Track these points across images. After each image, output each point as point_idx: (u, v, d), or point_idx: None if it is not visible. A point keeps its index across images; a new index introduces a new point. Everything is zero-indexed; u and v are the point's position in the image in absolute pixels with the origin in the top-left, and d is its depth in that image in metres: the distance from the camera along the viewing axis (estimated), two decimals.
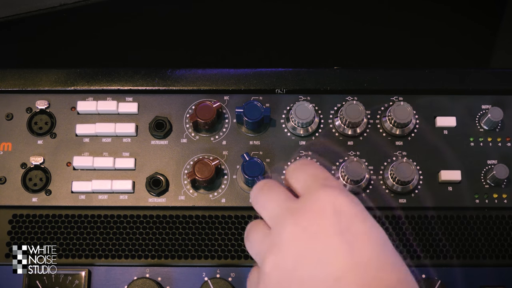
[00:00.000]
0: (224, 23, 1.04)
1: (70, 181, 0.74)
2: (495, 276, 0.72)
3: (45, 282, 0.71)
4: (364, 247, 0.47)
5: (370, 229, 0.49)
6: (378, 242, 0.49)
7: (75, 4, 0.89)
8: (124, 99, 0.76)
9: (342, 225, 0.48)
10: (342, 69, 0.77)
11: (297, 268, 0.48)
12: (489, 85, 0.76)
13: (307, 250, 0.48)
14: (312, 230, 0.48)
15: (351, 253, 0.47)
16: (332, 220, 0.48)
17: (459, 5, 1.05)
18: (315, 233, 0.48)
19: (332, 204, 0.49)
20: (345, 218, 0.49)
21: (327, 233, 0.48)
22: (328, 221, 0.48)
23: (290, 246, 0.49)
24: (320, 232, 0.48)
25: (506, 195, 0.73)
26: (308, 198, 0.51)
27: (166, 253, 0.72)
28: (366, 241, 0.48)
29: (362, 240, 0.48)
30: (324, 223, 0.48)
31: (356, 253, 0.47)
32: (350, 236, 0.48)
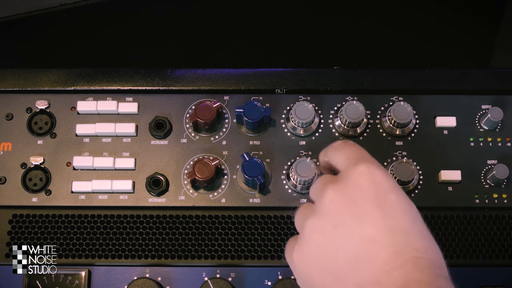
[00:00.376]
0: (224, 23, 1.04)
1: (70, 181, 0.74)
2: (495, 276, 0.72)
3: (45, 282, 0.71)
4: (397, 215, 0.52)
5: (403, 200, 0.53)
6: (410, 212, 0.53)
7: (75, 4, 0.90)
8: (124, 99, 0.76)
9: (378, 194, 0.53)
10: (342, 69, 0.77)
11: (335, 229, 0.53)
12: (489, 85, 0.76)
13: (345, 213, 0.53)
14: (351, 196, 0.53)
15: (385, 218, 0.52)
16: (369, 189, 0.53)
17: (459, 5, 1.05)
18: (353, 199, 0.53)
19: (369, 175, 0.54)
20: (381, 188, 0.53)
21: (364, 199, 0.53)
22: (366, 189, 0.53)
23: (330, 210, 0.54)
24: (358, 198, 0.53)
25: (506, 195, 0.73)
26: (348, 170, 0.56)
27: (166, 253, 0.72)
28: (399, 209, 0.52)
29: (395, 208, 0.52)
30: (362, 191, 0.53)
31: (390, 219, 0.52)
32: (385, 204, 0.52)
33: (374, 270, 0.50)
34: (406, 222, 0.52)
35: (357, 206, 0.53)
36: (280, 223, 0.72)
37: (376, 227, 0.51)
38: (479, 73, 0.77)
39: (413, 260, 0.50)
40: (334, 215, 0.53)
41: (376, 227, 0.51)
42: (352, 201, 0.53)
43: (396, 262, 0.49)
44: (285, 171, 0.73)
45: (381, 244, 0.50)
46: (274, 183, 0.73)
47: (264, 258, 0.72)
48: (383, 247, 0.50)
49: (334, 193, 0.54)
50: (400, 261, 0.50)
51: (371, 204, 0.52)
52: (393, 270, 0.49)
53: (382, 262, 0.50)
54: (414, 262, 0.50)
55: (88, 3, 0.90)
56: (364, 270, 0.50)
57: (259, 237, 0.72)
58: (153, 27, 1.02)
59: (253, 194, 0.73)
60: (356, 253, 0.51)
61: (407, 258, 0.50)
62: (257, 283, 0.72)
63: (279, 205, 0.73)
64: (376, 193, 0.53)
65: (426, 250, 0.51)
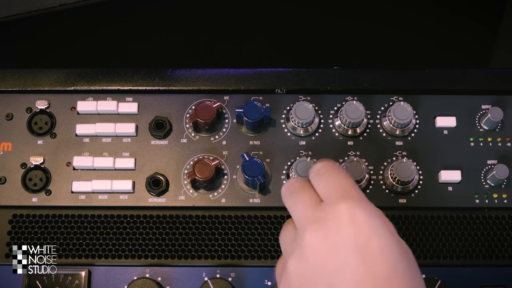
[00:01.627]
0: (224, 23, 1.04)
1: (70, 181, 0.74)
2: (495, 276, 0.72)
3: (45, 282, 0.71)
4: (379, 264, 0.49)
5: (385, 245, 0.51)
6: (394, 258, 0.50)
7: (75, 4, 0.89)
8: (124, 99, 0.76)
9: (358, 240, 0.50)
10: (342, 69, 0.76)
11: (315, 276, 0.51)
12: (489, 85, 0.76)
13: (325, 261, 0.51)
14: (330, 242, 0.51)
15: (366, 274, 0.49)
16: (349, 234, 0.50)
17: (459, 5, 1.05)
18: (333, 245, 0.51)
19: (349, 217, 0.51)
20: (361, 233, 0.51)
21: (344, 246, 0.50)
22: (345, 234, 0.51)
23: (309, 255, 0.52)
24: (338, 245, 0.50)
25: (506, 195, 0.73)
26: (328, 208, 0.53)
27: (166, 253, 0.72)
28: (381, 258, 0.50)
29: (377, 256, 0.50)
30: (342, 236, 0.51)
31: (371, 269, 0.49)
32: (366, 251, 0.50)
33: None
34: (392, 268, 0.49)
35: (337, 254, 0.50)
36: (280, 223, 0.72)
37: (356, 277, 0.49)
38: (479, 73, 0.77)
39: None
40: (315, 261, 0.51)
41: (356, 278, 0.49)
42: (332, 248, 0.51)
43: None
44: (285, 171, 0.74)
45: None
46: (274, 183, 0.73)
47: (264, 258, 0.72)
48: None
49: (314, 237, 0.52)
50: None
51: (351, 252, 0.50)
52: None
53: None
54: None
55: (88, 3, 0.90)
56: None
57: (259, 237, 0.72)
58: (153, 27, 1.02)
59: (253, 194, 0.73)
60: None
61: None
62: (257, 283, 0.72)
63: (279, 205, 0.72)
64: (355, 239, 0.50)
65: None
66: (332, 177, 0.56)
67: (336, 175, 0.56)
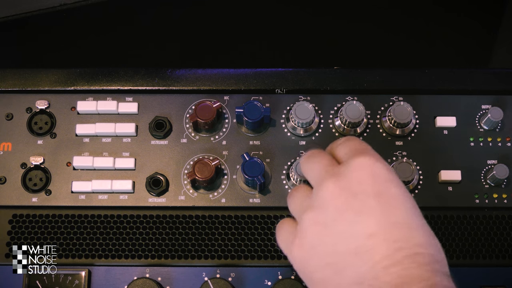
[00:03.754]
0: (224, 23, 1.04)
1: (70, 181, 0.74)
2: (495, 276, 0.72)
3: (45, 282, 0.71)
4: (398, 209, 0.52)
5: (403, 193, 0.54)
6: (410, 206, 0.53)
7: (75, 4, 0.89)
8: (124, 99, 0.76)
9: (378, 188, 0.53)
10: (342, 69, 0.76)
11: (334, 223, 0.53)
12: (489, 85, 0.76)
13: (345, 207, 0.53)
14: (351, 190, 0.53)
15: (385, 213, 0.52)
16: (370, 183, 0.53)
17: (459, 5, 1.05)
18: (354, 193, 0.53)
19: (370, 168, 0.54)
20: (381, 182, 0.53)
21: (365, 193, 0.53)
22: (366, 183, 0.53)
23: (330, 204, 0.54)
24: (359, 193, 0.53)
25: (506, 195, 0.73)
26: (349, 163, 0.55)
27: (166, 253, 0.72)
28: (400, 204, 0.53)
29: (396, 202, 0.53)
30: (362, 185, 0.53)
31: (389, 214, 0.52)
32: (386, 198, 0.52)
33: (373, 265, 0.50)
34: (407, 217, 0.52)
35: (358, 200, 0.52)
36: None
37: (376, 222, 0.51)
38: (479, 73, 0.77)
39: (412, 256, 0.50)
40: (334, 209, 0.53)
41: (376, 223, 0.51)
42: (352, 195, 0.53)
43: (394, 258, 0.50)
44: (285, 171, 0.74)
45: (381, 240, 0.50)
46: (274, 183, 0.73)
47: (264, 258, 0.72)
48: (383, 243, 0.50)
49: (334, 186, 0.54)
50: (399, 257, 0.50)
51: (372, 198, 0.52)
52: (391, 266, 0.49)
53: (381, 257, 0.50)
54: (413, 258, 0.50)
55: (88, 3, 0.90)
56: (363, 265, 0.50)
57: (259, 237, 0.72)
58: (153, 27, 1.02)
59: (253, 194, 0.73)
60: (356, 248, 0.51)
61: (407, 253, 0.50)
62: (257, 283, 0.72)
63: (279, 205, 0.73)
64: (376, 187, 0.53)
65: (427, 245, 0.51)
66: (351, 143, 0.59)
67: (355, 141, 0.59)
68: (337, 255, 0.52)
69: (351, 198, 0.53)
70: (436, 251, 0.52)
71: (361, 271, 0.50)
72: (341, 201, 0.53)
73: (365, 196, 0.52)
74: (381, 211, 0.52)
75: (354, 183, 0.53)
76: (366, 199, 0.52)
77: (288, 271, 0.72)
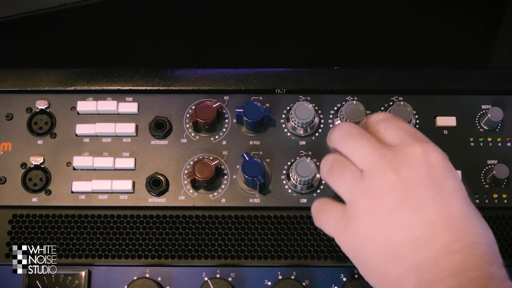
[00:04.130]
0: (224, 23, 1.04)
1: (70, 181, 0.74)
2: None
3: (45, 282, 0.71)
4: (455, 200, 0.53)
5: (459, 184, 0.55)
6: (465, 196, 0.55)
7: (75, 4, 0.90)
8: (124, 99, 0.76)
9: (436, 178, 0.54)
10: (342, 69, 0.76)
11: (394, 213, 0.53)
12: (489, 85, 0.76)
13: (404, 198, 0.53)
14: (410, 180, 0.53)
15: (444, 205, 0.53)
16: (428, 173, 0.54)
17: (459, 5, 1.05)
18: (412, 184, 0.53)
19: (427, 158, 0.54)
20: (439, 173, 0.54)
21: (423, 184, 0.53)
22: (424, 174, 0.54)
23: (388, 193, 0.54)
24: (417, 183, 0.53)
25: (506, 195, 0.73)
26: (404, 149, 0.55)
27: (166, 253, 0.72)
28: (457, 194, 0.54)
29: (453, 193, 0.54)
30: (421, 175, 0.54)
31: (448, 205, 0.53)
32: (443, 189, 0.53)
33: (433, 252, 0.51)
34: (463, 208, 0.53)
35: (417, 191, 0.53)
36: (280, 223, 0.72)
37: (436, 213, 0.52)
38: (479, 73, 0.77)
39: (472, 245, 0.51)
40: (393, 199, 0.54)
41: (436, 213, 0.52)
42: (411, 187, 0.53)
43: (455, 246, 0.51)
44: (285, 171, 0.73)
45: (441, 229, 0.51)
46: (274, 183, 0.73)
47: (264, 258, 0.72)
48: (442, 233, 0.51)
49: (392, 176, 0.54)
50: (459, 245, 0.51)
51: (430, 189, 0.53)
52: (452, 253, 0.50)
53: (441, 245, 0.51)
54: (473, 247, 0.51)
55: (88, 3, 0.90)
56: (423, 252, 0.51)
57: (259, 237, 0.72)
58: (154, 27, 1.02)
59: (253, 194, 0.73)
60: (415, 236, 0.52)
61: (466, 243, 0.51)
62: (257, 283, 0.72)
63: (279, 205, 0.73)
64: (434, 178, 0.54)
65: (484, 236, 0.52)
66: (400, 124, 0.58)
67: (402, 123, 0.58)
68: (395, 244, 0.53)
69: (410, 189, 0.53)
70: (492, 242, 0.53)
71: (419, 259, 0.51)
72: (400, 192, 0.53)
73: (424, 187, 0.53)
74: (440, 203, 0.53)
75: (412, 173, 0.54)
76: (425, 190, 0.53)
77: (288, 271, 0.72)
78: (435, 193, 0.53)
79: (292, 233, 0.72)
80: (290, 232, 0.72)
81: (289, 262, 0.71)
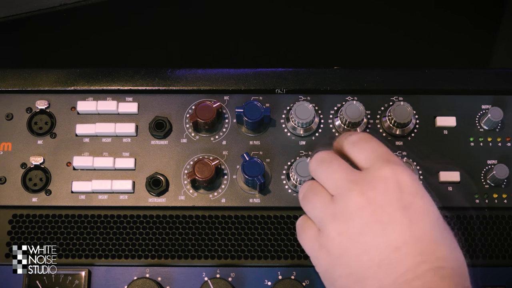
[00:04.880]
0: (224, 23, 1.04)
1: (70, 181, 0.74)
2: (495, 276, 0.72)
3: (45, 282, 0.71)
4: (423, 222, 0.53)
5: (428, 205, 0.54)
6: (434, 218, 0.54)
7: (75, 4, 0.90)
8: (124, 99, 0.76)
9: (404, 200, 0.53)
10: (342, 69, 0.77)
11: (361, 235, 0.53)
12: (489, 85, 0.76)
13: (371, 220, 0.53)
14: (377, 202, 0.53)
15: (411, 227, 0.52)
16: (396, 195, 0.53)
17: (459, 5, 1.05)
18: (380, 206, 0.53)
19: (396, 179, 0.54)
20: (407, 194, 0.53)
21: (391, 207, 0.53)
22: (392, 195, 0.53)
23: (355, 216, 0.54)
24: (385, 206, 0.53)
25: (506, 195, 0.73)
26: (373, 171, 0.55)
27: (166, 253, 0.72)
28: (425, 216, 0.53)
29: (421, 215, 0.53)
30: (389, 197, 0.53)
31: (416, 227, 0.52)
32: (411, 211, 0.53)
33: (396, 278, 0.50)
34: (431, 230, 0.53)
35: (384, 213, 0.53)
36: (280, 223, 0.72)
37: (402, 236, 0.52)
38: (479, 73, 0.77)
39: (435, 270, 0.50)
40: (360, 221, 0.53)
41: (402, 236, 0.52)
42: (378, 208, 0.53)
43: (417, 271, 0.50)
44: (285, 171, 0.73)
45: (406, 253, 0.51)
46: (274, 183, 0.73)
47: (264, 258, 0.72)
48: (407, 256, 0.51)
49: (360, 199, 0.54)
50: (422, 270, 0.50)
51: (397, 212, 0.52)
52: (414, 279, 0.50)
53: (404, 270, 0.50)
54: (435, 272, 0.50)
55: (88, 3, 0.90)
56: (387, 277, 0.51)
57: (259, 237, 0.72)
58: (154, 27, 1.02)
59: (253, 194, 0.73)
60: (380, 260, 0.52)
61: (430, 267, 0.50)
62: (257, 283, 0.72)
63: (279, 205, 0.73)
64: (402, 201, 0.53)
65: (450, 259, 0.52)
66: (372, 146, 0.58)
67: (375, 144, 0.58)
68: (361, 266, 0.53)
69: (378, 211, 0.53)
70: (459, 265, 0.52)
71: (384, 283, 0.51)
72: (367, 214, 0.53)
73: (392, 209, 0.53)
74: (407, 225, 0.52)
75: (380, 195, 0.53)
76: (393, 212, 0.53)
77: (288, 271, 0.72)
78: (402, 215, 0.52)
79: (292, 233, 0.72)
80: (290, 232, 0.72)
81: (289, 262, 0.71)
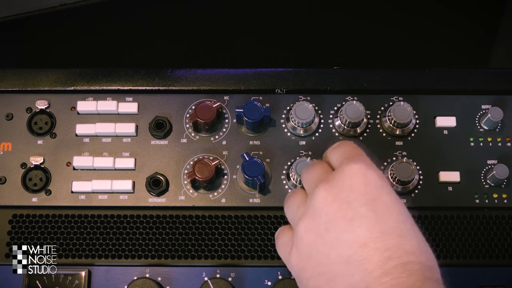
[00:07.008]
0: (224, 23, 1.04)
1: (70, 181, 0.74)
2: (495, 276, 0.72)
3: (45, 282, 0.71)
4: (389, 217, 0.52)
5: (395, 200, 0.53)
6: (400, 212, 0.53)
7: (75, 4, 0.90)
8: (124, 99, 0.76)
9: (370, 195, 0.53)
10: (342, 69, 0.77)
11: (328, 232, 0.53)
12: (489, 85, 0.76)
13: (337, 216, 0.52)
14: (343, 198, 0.53)
15: (377, 222, 0.51)
16: (361, 190, 0.53)
17: (459, 5, 1.05)
18: (346, 201, 0.53)
19: (362, 175, 0.53)
20: (372, 189, 0.53)
21: (357, 201, 0.52)
22: (358, 191, 0.53)
23: (322, 212, 0.53)
24: (351, 201, 0.52)
25: (506, 195, 0.73)
26: (341, 170, 0.55)
27: (166, 253, 0.72)
28: (391, 211, 0.52)
29: (387, 210, 0.52)
30: (354, 193, 0.53)
31: (382, 222, 0.52)
32: (377, 205, 0.52)
33: (365, 275, 0.50)
34: (398, 225, 0.52)
35: (350, 209, 0.52)
36: (280, 223, 0.72)
37: (369, 231, 0.51)
38: (479, 73, 0.77)
39: (403, 265, 0.50)
40: (327, 217, 0.53)
41: (369, 232, 0.51)
42: (344, 203, 0.53)
43: (385, 267, 0.50)
44: (285, 171, 0.74)
45: (372, 249, 0.50)
46: (274, 183, 0.73)
47: (264, 258, 0.72)
48: (374, 252, 0.50)
49: (326, 194, 0.54)
50: (390, 266, 0.50)
51: (364, 206, 0.52)
52: (382, 275, 0.49)
53: (372, 267, 0.50)
54: (403, 267, 0.50)
55: (88, 3, 0.90)
56: (356, 274, 0.50)
57: (259, 237, 0.72)
58: (154, 27, 1.02)
59: (253, 194, 0.73)
60: (348, 257, 0.51)
61: (397, 262, 0.50)
62: (257, 283, 0.72)
63: (279, 205, 0.72)
64: (368, 195, 0.53)
65: (417, 253, 0.51)
66: (344, 148, 0.58)
67: (347, 146, 0.58)
68: (330, 263, 0.52)
69: (344, 207, 0.52)
70: (427, 258, 0.52)
71: (353, 281, 0.50)
72: (333, 209, 0.53)
73: (357, 204, 0.52)
74: (373, 220, 0.51)
75: (345, 191, 0.53)
76: (358, 208, 0.52)
77: (288, 271, 0.72)
78: (368, 210, 0.52)
79: None
80: None
81: None
